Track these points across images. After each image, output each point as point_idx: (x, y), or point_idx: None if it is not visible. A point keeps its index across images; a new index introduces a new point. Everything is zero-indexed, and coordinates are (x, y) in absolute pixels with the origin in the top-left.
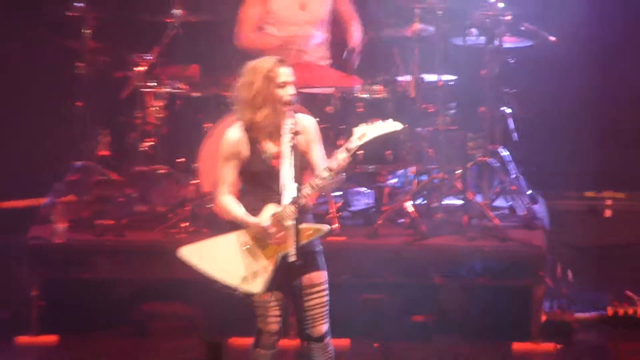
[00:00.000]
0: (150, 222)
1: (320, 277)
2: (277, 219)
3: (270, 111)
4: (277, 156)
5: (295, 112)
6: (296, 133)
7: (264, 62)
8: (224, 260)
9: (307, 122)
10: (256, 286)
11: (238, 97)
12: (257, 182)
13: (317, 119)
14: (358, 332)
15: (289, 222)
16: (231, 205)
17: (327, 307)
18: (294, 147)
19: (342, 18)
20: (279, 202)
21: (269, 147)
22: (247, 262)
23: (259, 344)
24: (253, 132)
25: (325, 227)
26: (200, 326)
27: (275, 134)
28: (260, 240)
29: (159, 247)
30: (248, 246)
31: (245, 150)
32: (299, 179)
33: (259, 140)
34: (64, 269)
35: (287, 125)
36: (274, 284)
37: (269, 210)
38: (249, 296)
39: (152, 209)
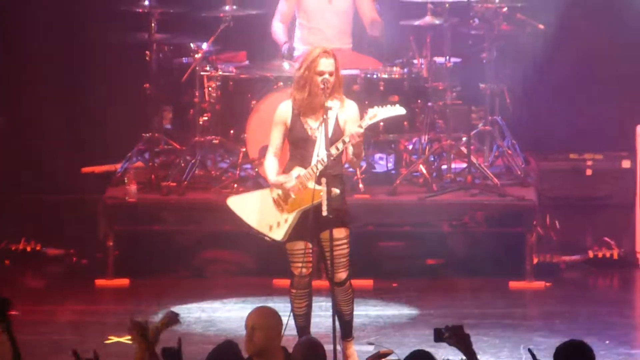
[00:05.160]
0: (207, 184)
1: (342, 232)
2: (301, 180)
3: (309, 92)
4: (314, 129)
5: (341, 96)
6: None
7: (313, 52)
8: (258, 210)
9: (349, 106)
10: (279, 234)
11: (294, 77)
12: (297, 148)
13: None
14: (380, 274)
15: (311, 183)
16: (268, 164)
17: (348, 258)
18: (334, 124)
19: (362, 13)
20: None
21: (309, 120)
22: (274, 213)
23: (292, 285)
24: (297, 107)
25: (337, 191)
26: (247, 268)
27: (317, 111)
28: (284, 196)
29: (214, 204)
30: (276, 200)
31: (289, 121)
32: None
33: (302, 114)
34: (135, 223)
35: (330, 105)
36: (301, 235)
37: (295, 172)
38: (276, 242)
39: (208, 173)
